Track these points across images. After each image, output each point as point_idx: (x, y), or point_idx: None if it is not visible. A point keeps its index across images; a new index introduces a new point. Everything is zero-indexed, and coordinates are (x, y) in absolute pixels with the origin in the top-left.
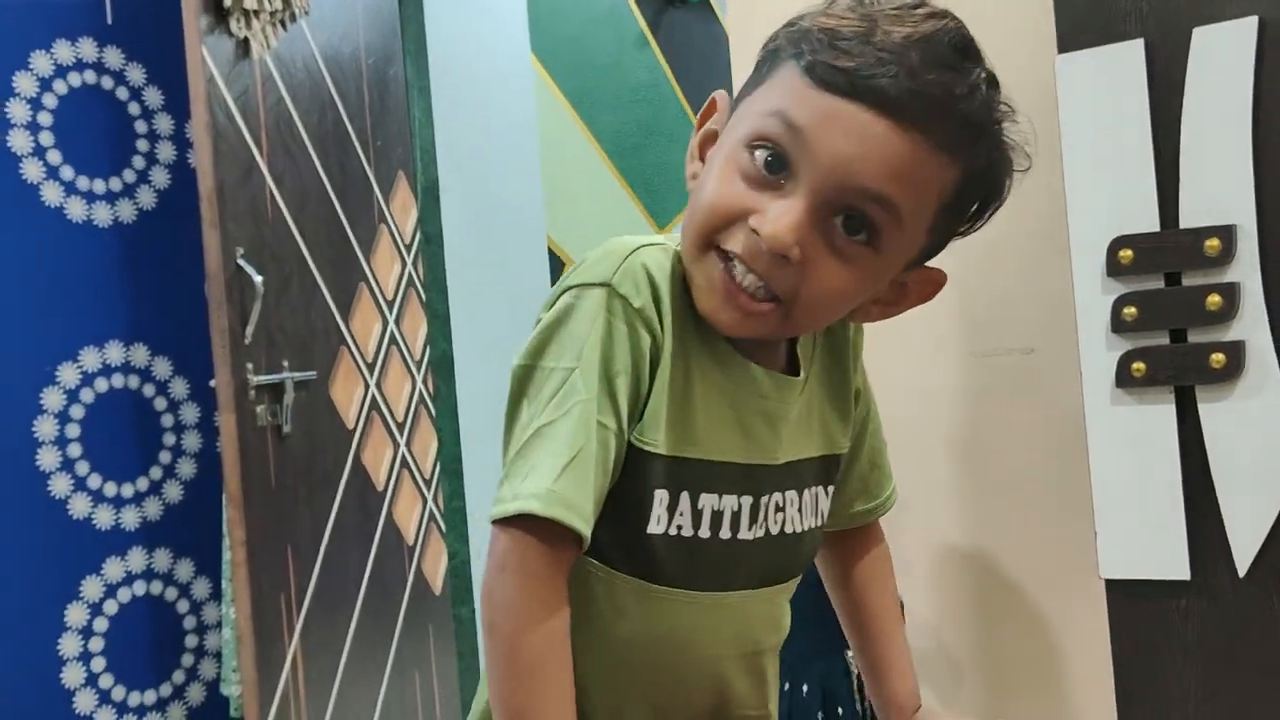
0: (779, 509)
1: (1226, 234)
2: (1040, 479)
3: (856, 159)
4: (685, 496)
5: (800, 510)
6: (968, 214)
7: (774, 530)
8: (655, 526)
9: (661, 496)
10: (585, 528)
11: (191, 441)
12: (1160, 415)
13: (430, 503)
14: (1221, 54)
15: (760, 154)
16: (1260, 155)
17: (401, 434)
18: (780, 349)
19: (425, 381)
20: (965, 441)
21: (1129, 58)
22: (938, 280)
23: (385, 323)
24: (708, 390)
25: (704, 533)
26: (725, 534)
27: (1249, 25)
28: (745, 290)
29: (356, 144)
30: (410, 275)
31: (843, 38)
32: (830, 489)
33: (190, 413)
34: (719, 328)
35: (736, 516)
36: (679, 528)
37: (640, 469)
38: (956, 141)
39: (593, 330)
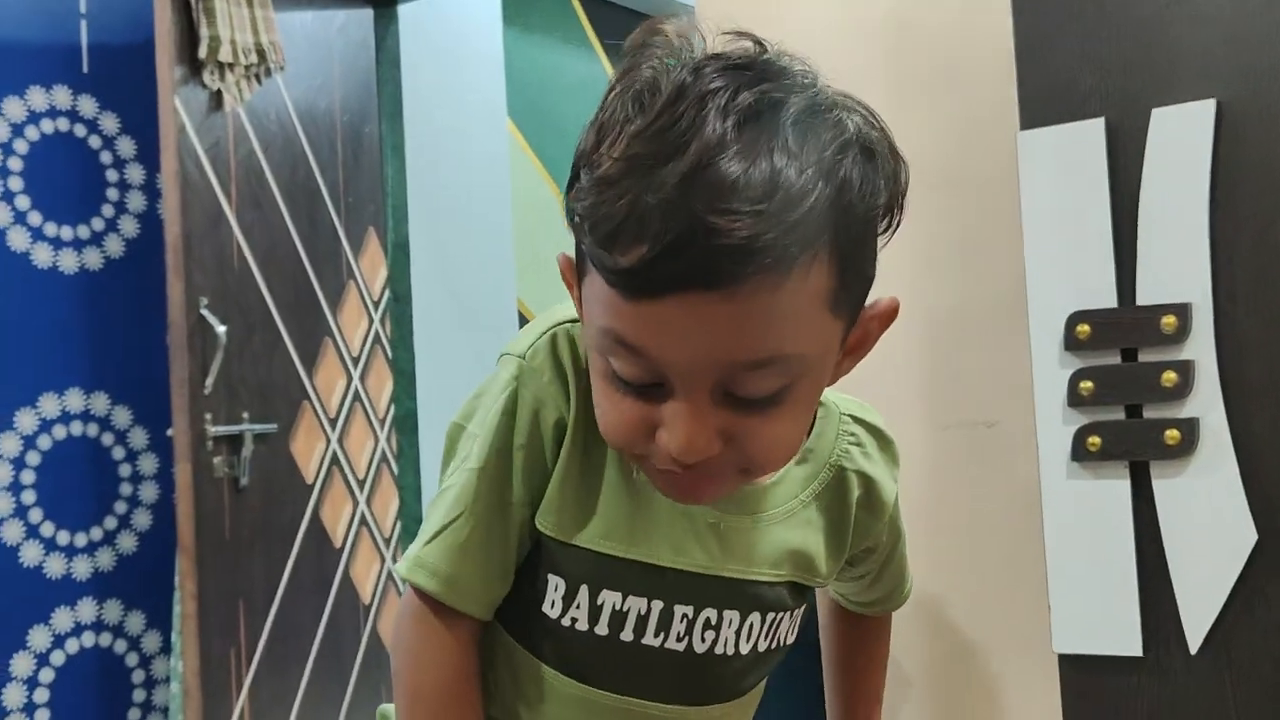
0: (709, 626)
1: (1182, 312)
2: (998, 552)
3: (711, 350)
4: (584, 589)
5: (740, 632)
6: (872, 257)
7: (698, 647)
8: (550, 610)
9: (557, 583)
10: (465, 602)
11: (148, 492)
12: (1115, 490)
13: (389, 562)
14: (1180, 135)
15: (624, 373)
16: (1216, 235)
17: (362, 491)
18: None
19: (389, 439)
20: (925, 513)
21: (1090, 136)
22: (891, 308)
23: (350, 378)
24: (631, 484)
25: (601, 630)
26: (628, 636)
27: (1207, 107)
28: (690, 477)
29: (328, 199)
30: (377, 332)
31: (607, 220)
32: (799, 613)
33: (148, 463)
34: (691, 503)
35: (643, 620)
36: (573, 620)
37: (538, 550)
38: (808, 245)
39: (500, 400)
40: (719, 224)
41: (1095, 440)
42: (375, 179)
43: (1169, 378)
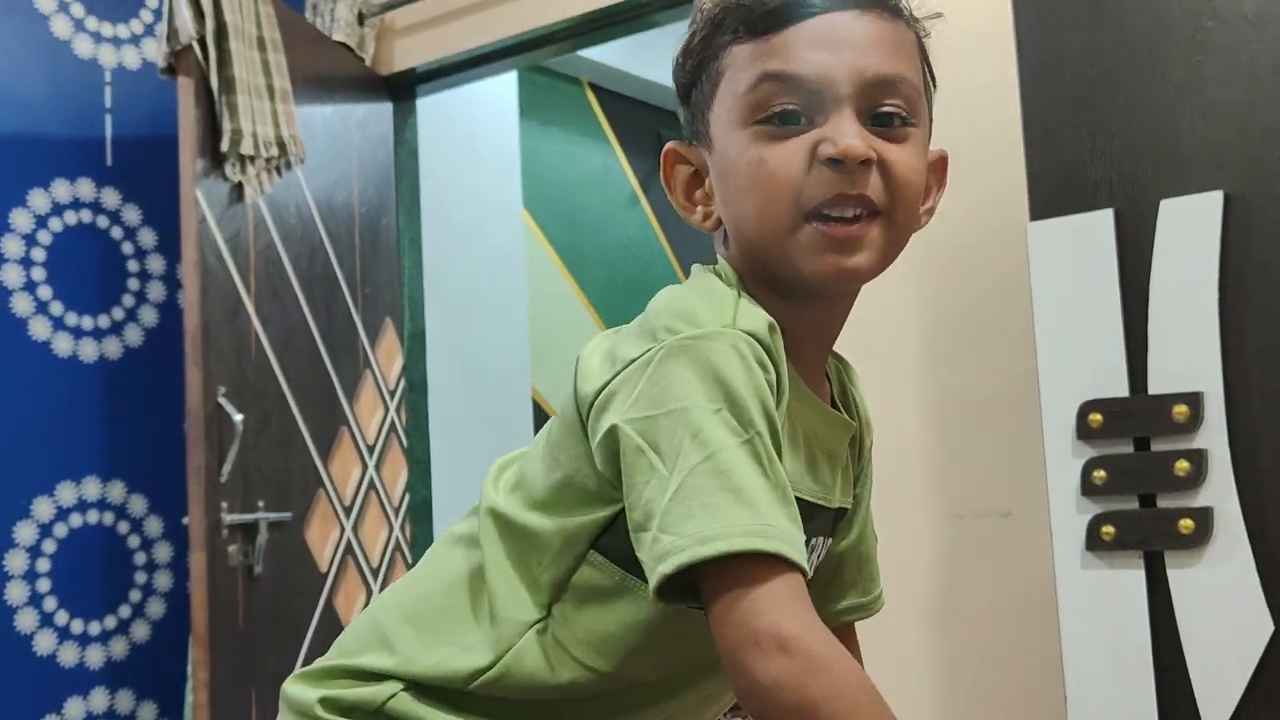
0: (823, 534)
1: (1194, 401)
2: (1013, 641)
3: (849, 58)
4: None
5: (818, 558)
6: (931, 77)
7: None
8: None
9: None
10: (801, 558)
11: (163, 581)
12: (1130, 580)
13: None
14: (1188, 225)
15: (777, 117)
16: (1226, 324)
17: (376, 580)
18: (826, 388)
19: (403, 528)
20: (940, 602)
21: (1099, 227)
22: (943, 156)
23: (365, 467)
24: (794, 425)
25: None
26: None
27: (1214, 199)
28: (848, 228)
29: (345, 290)
30: (393, 421)
31: None
32: (828, 541)
33: (163, 551)
34: (841, 280)
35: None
36: None
37: None
38: (895, 8)
39: (731, 369)
40: None
41: (1109, 530)
42: (392, 270)
43: (1182, 467)
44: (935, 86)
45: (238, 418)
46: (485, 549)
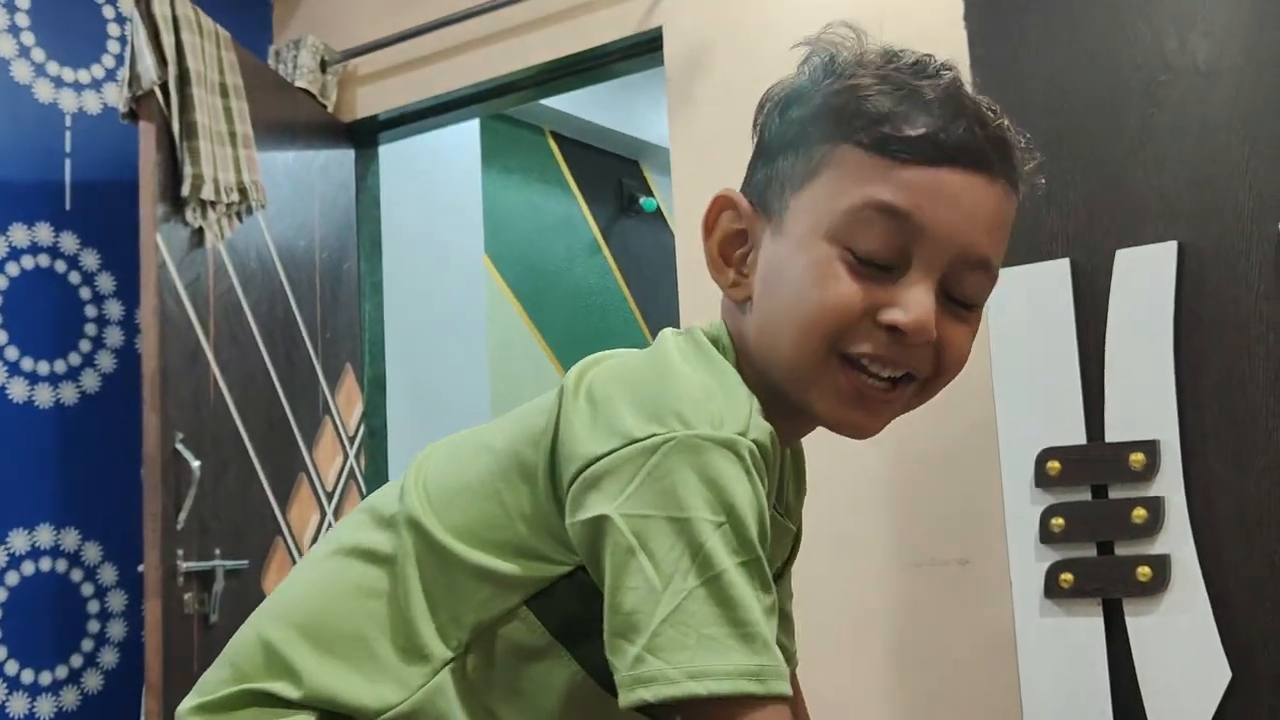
0: None
1: (1151, 449)
2: (972, 690)
3: (968, 228)
4: None
5: None
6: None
7: None
8: None
9: None
10: (785, 686)
11: (116, 629)
12: (1089, 627)
13: None
14: (1144, 275)
15: (867, 247)
16: (1182, 372)
17: None
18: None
19: None
20: (900, 651)
21: (1056, 275)
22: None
23: (323, 514)
24: None
25: None
26: None
27: (1169, 249)
28: (880, 388)
29: (305, 335)
30: (352, 467)
31: (894, 103)
32: None
33: (117, 600)
34: (853, 435)
35: None
36: None
37: None
38: (1017, 181)
39: (740, 484)
40: (986, 114)
41: (1068, 577)
42: (353, 315)
43: (1139, 514)
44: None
45: (195, 464)
46: (403, 569)
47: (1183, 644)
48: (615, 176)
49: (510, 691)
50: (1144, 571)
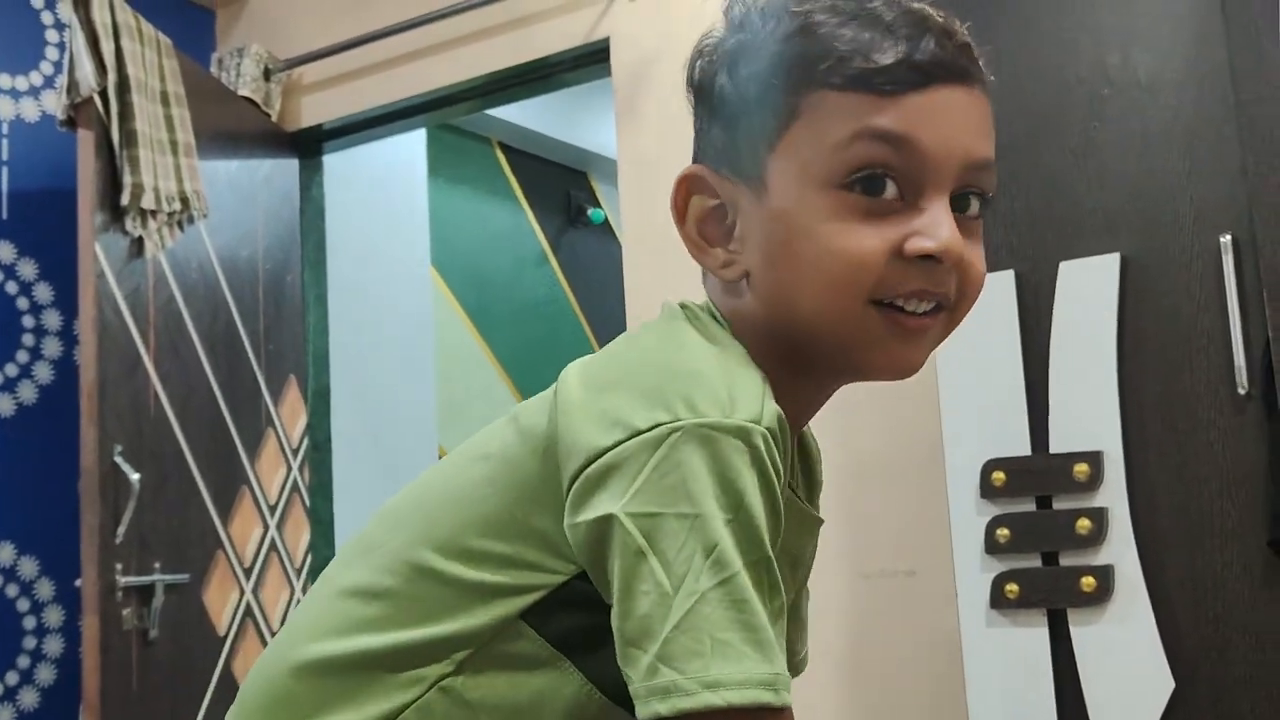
0: None
1: (1094, 460)
2: (919, 700)
3: (966, 138)
4: None
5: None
6: None
7: None
8: None
9: None
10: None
11: (53, 646)
12: (1034, 637)
13: None
14: (1087, 286)
15: (870, 184)
16: (1125, 384)
17: None
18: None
19: (304, 590)
20: (846, 662)
21: (1000, 287)
22: None
23: (266, 527)
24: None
25: None
26: None
27: (1112, 261)
28: (922, 318)
29: (248, 347)
30: (295, 480)
31: (855, 32)
32: None
33: (54, 615)
34: (902, 373)
35: None
36: None
37: None
38: (986, 81)
39: (750, 478)
40: (951, 26)
41: (1013, 588)
42: (297, 327)
43: (1083, 525)
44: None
45: (134, 477)
46: (393, 595)
47: (1126, 654)
48: (563, 188)
49: (508, 709)
50: (1088, 582)
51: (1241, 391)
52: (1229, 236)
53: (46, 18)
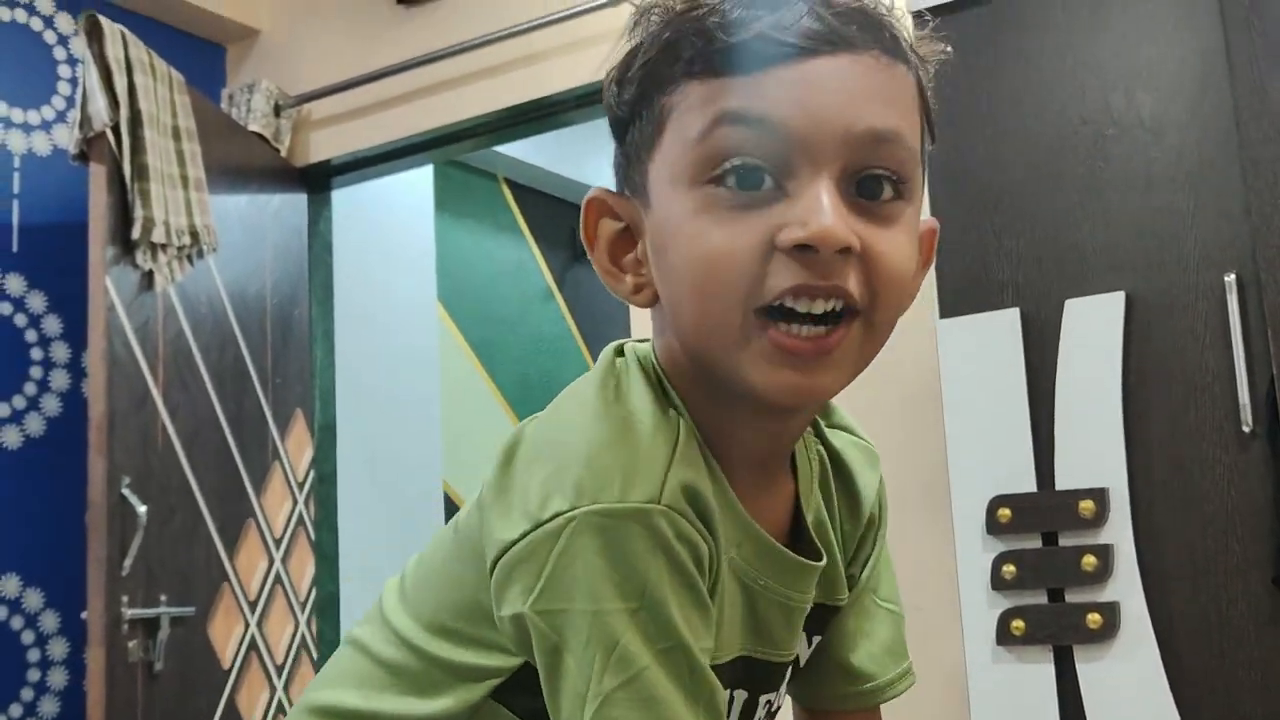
0: (771, 690)
1: (1100, 496)
2: None
3: (845, 107)
4: None
5: (786, 681)
6: (929, 124)
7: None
8: None
9: None
10: None
11: (58, 678)
12: (1040, 674)
13: None
14: (1092, 324)
15: (734, 174)
16: (1130, 421)
17: (280, 677)
18: (787, 489)
19: (309, 623)
20: None
21: (1006, 325)
22: (933, 228)
23: (271, 560)
24: (731, 578)
25: None
26: None
27: (1117, 299)
28: (809, 336)
29: (255, 381)
30: (301, 513)
31: (719, 19)
32: (816, 638)
33: (59, 647)
34: (801, 402)
35: (728, 709)
36: None
37: None
38: (899, 46)
39: (652, 561)
40: None
41: (1019, 624)
42: (304, 361)
43: (1089, 562)
44: (933, 140)
45: (141, 509)
46: (386, 663)
47: (1132, 691)
48: (568, 224)
49: None
50: (1094, 618)
51: (1246, 429)
52: (1233, 275)
53: (59, 53)
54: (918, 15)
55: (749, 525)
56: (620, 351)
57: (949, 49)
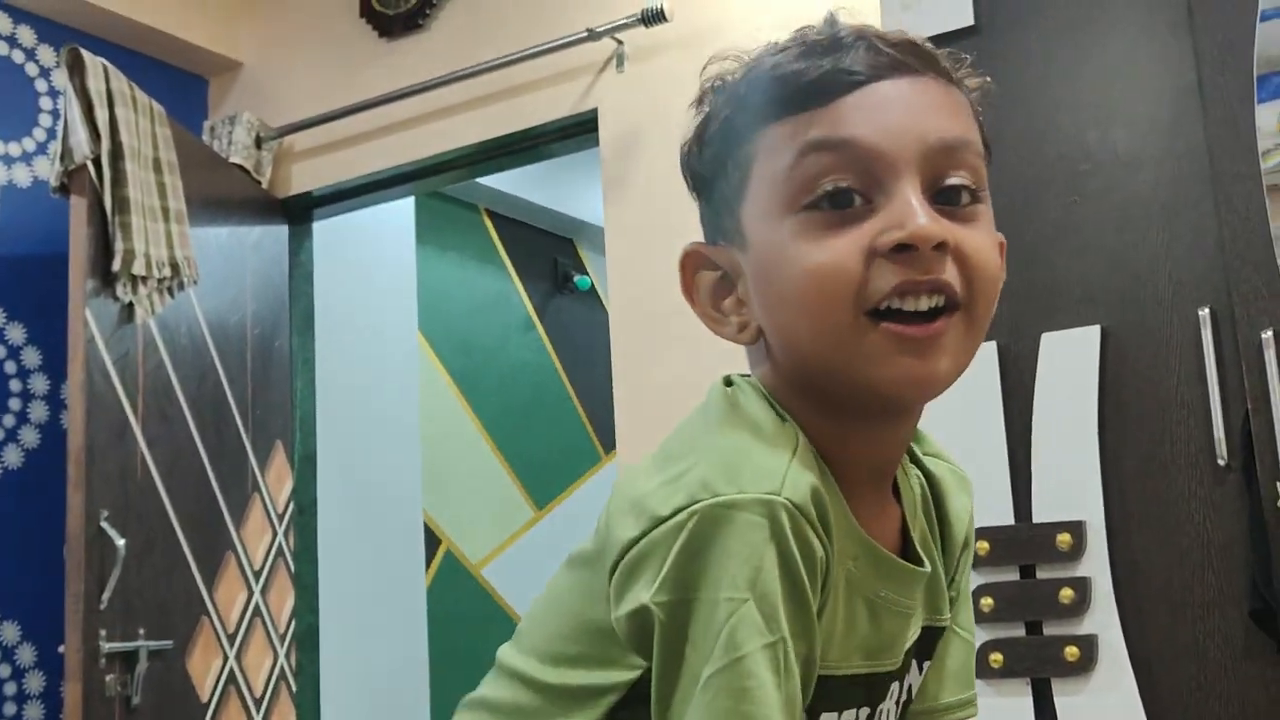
0: (888, 703)
1: (1077, 529)
2: None
3: (916, 121)
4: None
5: (898, 700)
6: (987, 146)
7: None
8: None
9: None
10: None
11: (33, 713)
12: (1018, 707)
13: None
14: (1068, 358)
15: (828, 199)
16: (1106, 454)
17: (259, 710)
18: (895, 511)
19: (288, 656)
20: None
21: (983, 359)
22: (1001, 242)
23: (250, 593)
24: (850, 593)
25: None
26: None
27: (1092, 333)
28: (928, 320)
29: (235, 412)
30: (280, 545)
31: (789, 65)
32: (926, 663)
33: (35, 681)
34: (921, 390)
35: None
36: None
37: None
38: (949, 71)
39: (766, 552)
40: (886, 34)
41: (997, 657)
42: (284, 392)
43: (1066, 595)
44: (989, 158)
45: (120, 542)
46: (500, 707)
47: None
48: (550, 255)
49: None
50: (1072, 651)
51: (1221, 462)
52: (1207, 310)
53: (41, 85)
54: (952, 54)
55: (863, 538)
56: (729, 381)
57: (989, 78)
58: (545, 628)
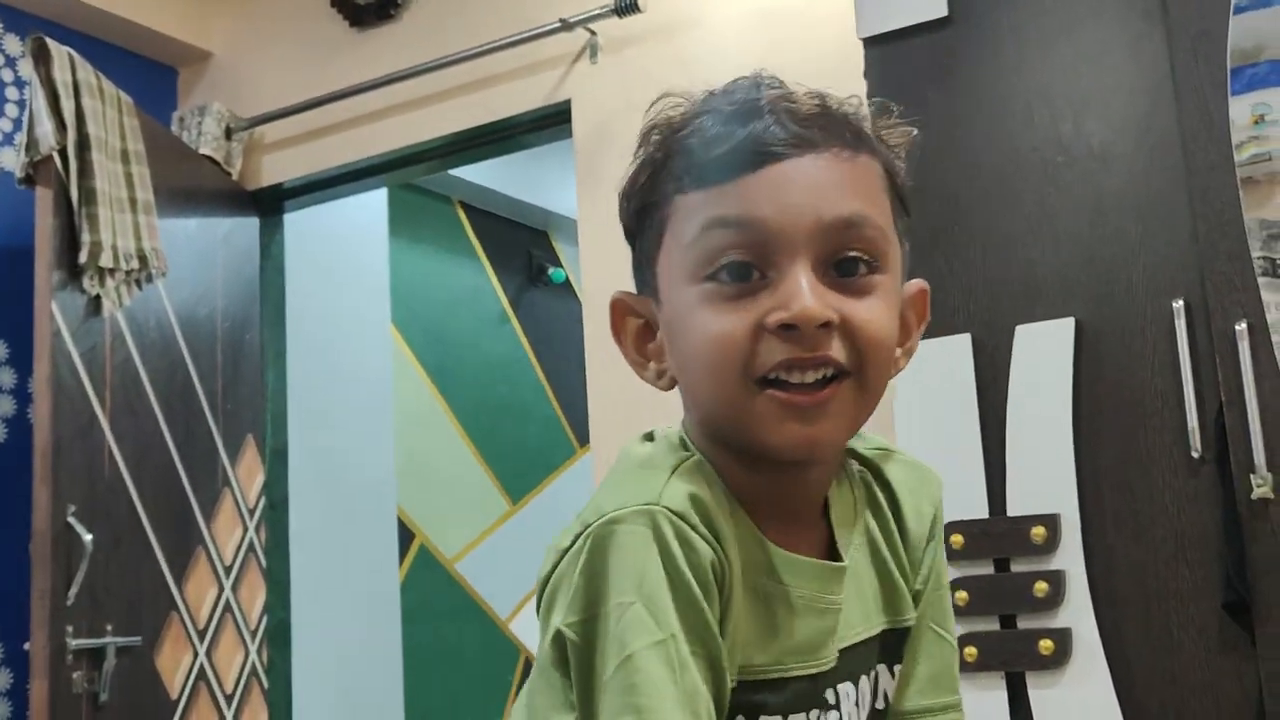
0: (830, 706)
1: (1051, 522)
2: None
3: (812, 201)
4: None
5: (858, 703)
6: (903, 202)
7: None
8: None
9: None
10: None
11: None
12: (992, 700)
13: None
14: (1042, 350)
15: (726, 271)
16: (1081, 447)
17: (230, 707)
18: (819, 533)
19: (259, 652)
20: None
21: (957, 351)
22: (923, 289)
23: (221, 588)
24: (760, 594)
25: None
26: None
27: (1066, 325)
28: (806, 393)
29: (205, 406)
30: (251, 540)
31: (699, 137)
32: (897, 667)
33: (1, 679)
34: (807, 452)
35: None
36: None
37: None
38: (861, 140)
39: (648, 555)
40: (795, 102)
41: (972, 651)
42: (255, 386)
43: (1041, 588)
44: (909, 213)
45: (87, 537)
46: None
47: (1084, 716)
48: (524, 247)
49: None
50: (1046, 645)
51: (1195, 455)
52: (1181, 302)
53: (7, 75)
54: (882, 106)
55: (761, 540)
56: (649, 436)
57: (915, 130)
58: (534, 708)
